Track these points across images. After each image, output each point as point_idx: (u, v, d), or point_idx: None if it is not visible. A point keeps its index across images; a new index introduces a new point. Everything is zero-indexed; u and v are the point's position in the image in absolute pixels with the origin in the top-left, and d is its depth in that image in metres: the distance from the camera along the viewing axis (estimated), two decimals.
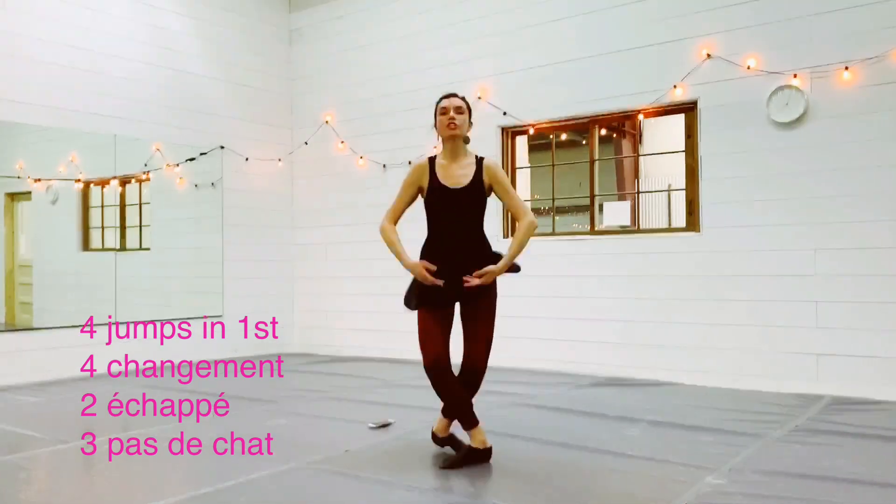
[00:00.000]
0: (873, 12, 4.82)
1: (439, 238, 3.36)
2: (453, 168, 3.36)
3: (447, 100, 3.38)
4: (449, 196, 3.32)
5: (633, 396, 4.94)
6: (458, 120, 3.32)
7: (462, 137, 3.38)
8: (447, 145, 3.38)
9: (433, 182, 3.35)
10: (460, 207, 3.32)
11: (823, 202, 4.99)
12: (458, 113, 3.34)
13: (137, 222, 6.91)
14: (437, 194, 3.34)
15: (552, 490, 2.98)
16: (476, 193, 3.33)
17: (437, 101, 3.41)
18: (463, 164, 3.37)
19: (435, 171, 3.37)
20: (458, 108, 3.35)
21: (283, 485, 3.07)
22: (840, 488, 2.92)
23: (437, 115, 3.38)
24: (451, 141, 3.36)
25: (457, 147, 3.37)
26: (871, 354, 4.80)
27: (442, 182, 3.34)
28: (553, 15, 6.16)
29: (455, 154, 3.38)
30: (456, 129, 3.33)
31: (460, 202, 3.32)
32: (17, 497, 2.94)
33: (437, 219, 3.37)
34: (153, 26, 6.73)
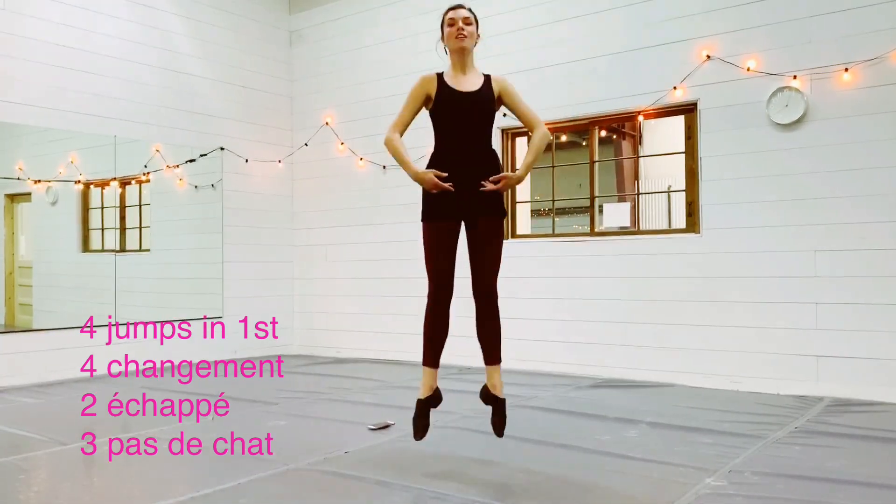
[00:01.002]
0: (873, 14, 4.83)
1: (447, 148, 3.28)
2: (462, 77, 3.32)
3: (454, 11, 3.33)
4: (459, 100, 3.26)
5: (632, 398, 4.94)
6: (466, 30, 3.28)
7: (470, 49, 3.33)
8: (455, 57, 3.33)
9: (442, 89, 3.29)
10: (470, 112, 3.27)
11: (824, 203, 5.00)
12: (467, 24, 3.29)
13: (137, 223, 6.91)
14: (446, 99, 3.27)
15: (552, 491, 2.98)
16: (486, 99, 3.29)
17: (444, 13, 3.35)
18: (472, 74, 3.34)
19: (443, 80, 3.32)
20: (466, 18, 3.30)
21: (282, 486, 3.07)
22: (840, 490, 2.92)
23: (444, 26, 3.33)
24: (459, 52, 3.31)
25: (465, 59, 3.32)
26: (872, 356, 4.80)
27: (452, 87, 3.28)
28: (552, 17, 6.17)
29: (464, 65, 3.33)
30: (465, 40, 3.28)
31: (470, 106, 3.26)
32: (17, 498, 2.94)
33: (445, 126, 3.30)
34: (153, 28, 6.73)
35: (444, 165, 3.24)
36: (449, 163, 3.24)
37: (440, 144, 3.31)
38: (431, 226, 3.27)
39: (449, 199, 3.22)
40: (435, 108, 3.31)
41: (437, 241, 3.25)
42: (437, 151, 3.31)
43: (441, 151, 3.30)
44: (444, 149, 3.29)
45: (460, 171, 3.22)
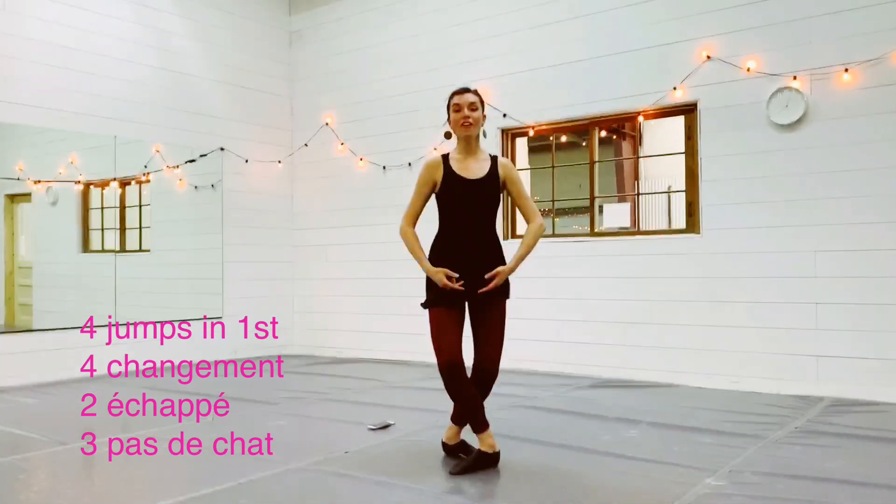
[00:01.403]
0: (873, 14, 4.83)
1: (452, 233, 3.31)
2: (469, 162, 3.33)
3: (459, 96, 3.32)
4: (465, 187, 3.27)
5: (632, 398, 4.94)
6: (472, 118, 3.28)
7: (477, 135, 3.34)
8: (462, 143, 3.34)
9: (448, 175, 3.30)
10: (476, 199, 3.28)
11: (824, 204, 5.00)
12: (472, 110, 3.29)
13: (137, 224, 6.91)
14: (452, 186, 3.28)
15: (552, 491, 2.98)
16: (492, 186, 3.30)
17: (450, 97, 3.35)
18: (478, 158, 3.35)
19: (450, 164, 3.32)
20: (472, 104, 3.30)
21: (282, 486, 3.06)
22: (840, 490, 2.92)
23: (451, 111, 3.33)
24: (465, 139, 3.32)
25: (471, 144, 3.34)
26: (872, 356, 4.80)
27: (458, 173, 3.29)
28: (553, 17, 6.17)
29: (470, 150, 3.34)
30: (470, 128, 3.29)
31: (476, 193, 3.28)
32: (17, 498, 2.94)
33: (451, 212, 3.32)
34: (153, 28, 6.73)
35: (448, 251, 3.29)
36: (453, 249, 3.29)
37: (444, 228, 3.35)
38: (439, 310, 3.30)
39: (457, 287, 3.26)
40: (441, 192, 3.33)
41: (445, 324, 3.27)
42: (442, 236, 3.35)
43: (445, 236, 3.33)
44: (448, 233, 3.33)
45: (464, 258, 3.26)
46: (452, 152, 3.38)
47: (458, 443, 3.47)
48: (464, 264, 3.25)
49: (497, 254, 3.34)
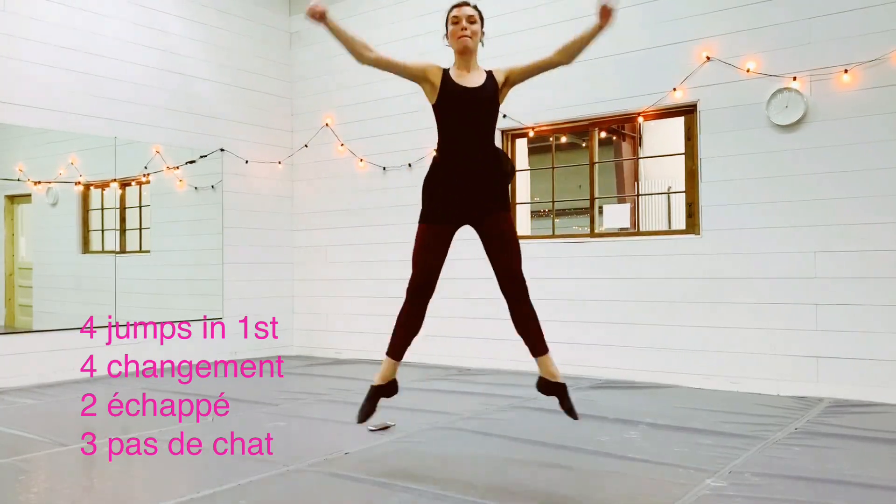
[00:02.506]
0: (873, 15, 4.83)
1: (451, 147, 3.24)
2: (465, 74, 3.28)
3: (458, 8, 3.26)
4: (463, 95, 3.22)
5: (632, 399, 4.94)
6: (470, 30, 3.22)
7: (474, 50, 3.27)
8: (459, 57, 3.28)
9: (446, 83, 3.24)
10: (474, 109, 3.22)
11: (824, 204, 5.00)
12: (471, 22, 3.24)
13: (137, 225, 6.91)
14: (450, 94, 3.22)
15: (552, 492, 2.98)
16: (490, 95, 3.24)
17: (448, 10, 3.29)
18: (475, 72, 3.31)
19: (448, 75, 3.28)
20: (471, 17, 3.25)
21: (282, 487, 3.07)
22: (840, 491, 2.92)
23: (448, 23, 3.27)
24: (463, 52, 3.26)
25: (469, 59, 3.28)
26: (872, 357, 4.80)
27: (456, 82, 3.24)
28: (553, 18, 6.17)
29: (467, 64, 3.29)
30: (469, 40, 3.23)
31: (474, 102, 3.21)
32: (17, 499, 2.94)
33: (449, 123, 3.25)
34: (153, 29, 6.73)
35: (448, 165, 3.23)
36: (453, 162, 3.23)
37: (444, 143, 3.28)
38: (428, 227, 3.26)
39: (450, 201, 3.21)
40: (439, 102, 3.26)
41: (430, 241, 3.25)
42: (441, 150, 3.28)
43: (445, 150, 3.26)
44: (448, 148, 3.25)
45: (464, 172, 3.20)
46: (450, 68, 3.31)
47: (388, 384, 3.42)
48: (464, 182, 3.20)
49: (498, 165, 3.26)
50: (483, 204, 3.22)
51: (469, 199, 3.21)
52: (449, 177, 3.22)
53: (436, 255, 3.25)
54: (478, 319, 6.40)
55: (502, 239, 3.24)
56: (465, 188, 3.21)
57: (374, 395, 3.38)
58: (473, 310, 6.33)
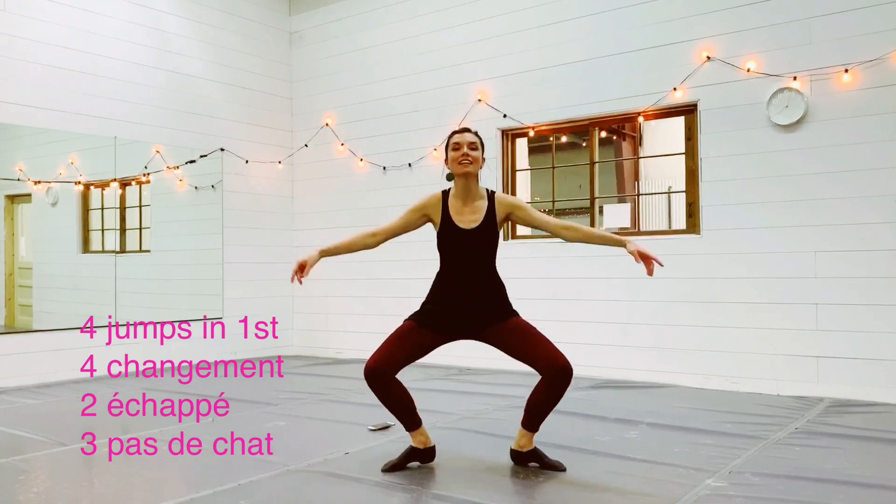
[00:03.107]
0: (873, 15, 4.83)
1: (451, 274, 3.31)
2: (466, 209, 3.30)
3: (459, 135, 3.30)
4: (462, 236, 3.27)
5: (632, 399, 4.94)
6: (471, 156, 3.25)
7: (475, 175, 3.30)
8: (459, 182, 3.30)
9: (446, 220, 3.29)
10: (473, 248, 3.27)
11: (824, 204, 5.00)
12: (472, 149, 3.26)
13: (137, 224, 6.91)
14: (449, 234, 3.29)
15: (552, 492, 2.98)
16: (489, 233, 3.29)
17: (449, 136, 3.34)
18: (476, 203, 3.31)
19: (448, 208, 3.30)
20: (472, 143, 3.27)
21: (282, 487, 3.07)
22: (840, 490, 2.92)
23: (449, 149, 3.30)
24: (463, 178, 3.28)
25: (469, 184, 3.29)
26: (872, 357, 4.80)
27: (455, 222, 3.28)
28: (553, 18, 6.17)
29: (467, 191, 3.30)
30: (469, 166, 3.25)
31: (473, 242, 3.27)
32: (17, 499, 2.94)
33: (448, 257, 3.32)
34: (153, 29, 6.73)
35: (446, 289, 3.30)
36: (452, 289, 3.29)
37: (444, 270, 3.35)
38: (412, 326, 3.28)
39: (447, 316, 3.26)
40: (439, 238, 3.33)
41: (402, 335, 3.25)
42: (442, 275, 3.35)
43: (445, 277, 3.33)
44: (447, 275, 3.33)
45: (463, 297, 3.26)
46: (451, 192, 3.35)
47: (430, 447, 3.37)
48: (462, 302, 3.26)
49: (497, 292, 3.32)
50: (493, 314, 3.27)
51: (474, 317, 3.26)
52: (451, 296, 3.28)
53: (397, 351, 3.22)
54: None
55: (526, 335, 3.23)
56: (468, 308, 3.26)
57: (409, 455, 3.33)
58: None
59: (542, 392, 3.18)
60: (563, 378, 3.14)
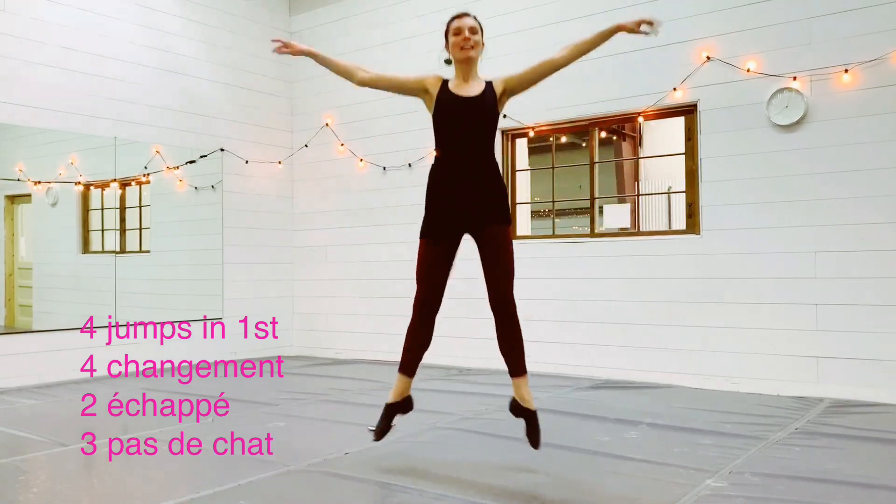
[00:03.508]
0: (873, 15, 4.83)
1: (448, 157, 3.21)
2: (465, 85, 3.24)
3: (459, 19, 3.24)
4: (460, 104, 3.18)
5: (632, 399, 4.94)
6: (472, 40, 3.19)
7: (476, 59, 3.24)
8: (460, 67, 3.23)
9: (444, 93, 3.21)
10: (473, 116, 3.18)
11: (824, 204, 5.00)
12: (472, 33, 3.21)
13: (137, 225, 6.91)
14: (447, 103, 3.20)
15: (552, 492, 2.98)
16: (489, 103, 3.20)
17: (448, 21, 3.27)
18: (475, 82, 3.27)
19: (447, 85, 3.25)
20: (472, 27, 3.22)
21: (282, 487, 3.06)
22: (840, 491, 2.92)
23: (449, 34, 3.24)
24: (464, 62, 3.22)
25: (470, 70, 3.24)
26: (872, 357, 4.80)
27: (454, 92, 3.21)
28: (553, 18, 6.17)
29: (467, 75, 3.24)
30: (471, 51, 3.19)
31: (472, 111, 3.18)
32: (17, 499, 2.94)
33: (446, 132, 3.22)
34: (153, 29, 6.73)
35: (444, 175, 3.22)
36: (450, 173, 3.21)
37: (441, 153, 3.25)
38: (429, 242, 3.24)
39: (449, 213, 3.20)
40: (436, 112, 3.24)
41: (432, 257, 3.23)
42: (438, 160, 3.26)
43: (442, 160, 3.24)
44: (444, 158, 3.23)
45: (463, 181, 3.18)
46: (451, 79, 3.28)
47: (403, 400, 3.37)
48: (461, 193, 3.17)
49: (496, 182, 3.22)
50: (483, 213, 3.18)
51: (468, 208, 3.18)
52: (448, 187, 3.20)
53: (439, 271, 3.22)
54: (478, 319, 6.39)
55: (498, 253, 3.19)
56: (465, 197, 3.18)
57: (389, 412, 3.35)
58: (473, 310, 6.32)
59: (500, 334, 3.24)
60: (507, 317, 3.19)
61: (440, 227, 3.21)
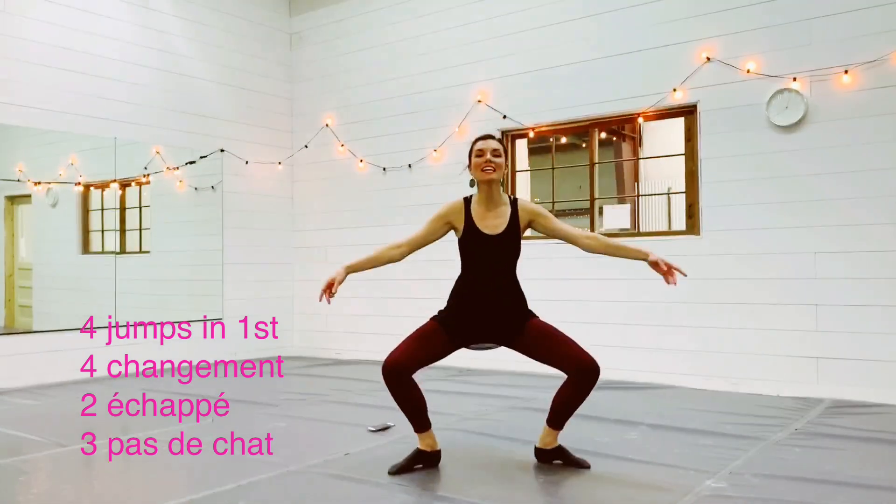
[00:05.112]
0: (873, 16, 4.83)
1: (472, 279, 3.33)
2: (489, 214, 3.32)
3: (483, 141, 3.32)
4: (485, 242, 3.29)
5: (632, 400, 4.94)
6: (494, 163, 3.26)
7: (498, 182, 3.32)
8: (483, 188, 3.32)
9: (469, 227, 3.31)
10: (496, 253, 3.29)
11: (824, 205, 5.00)
12: (496, 156, 3.27)
13: (137, 225, 6.91)
14: (472, 239, 3.30)
15: (551, 493, 2.98)
16: (512, 239, 3.31)
17: (473, 142, 3.36)
18: (499, 209, 3.33)
19: (471, 213, 3.32)
20: (496, 150, 3.28)
21: (282, 488, 3.06)
22: (840, 491, 2.92)
23: (473, 156, 3.32)
24: (486, 185, 3.30)
25: (493, 191, 3.31)
26: (872, 358, 4.80)
27: (478, 227, 3.30)
28: (553, 18, 6.17)
29: (490, 197, 3.32)
30: (493, 173, 3.27)
31: (496, 248, 3.28)
32: (17, 500, 2.94)
33: (470, 262, 3.33)
34: (153, 30, 6.74)
35: (467, 295, 3.32)
36: (472, 294, 3.31)
37: (466, 275, 3.36)
38: (439, 328, 3.28)
39: (469, 320, 3.28)
40: (462, 243, 3.34)
41: (431, 338, 3.26)
42: (463, 280, 3.36)
43: (466, 282, 3.35)
44: (468, 280, 3.34)
45: (484, 303, 3.28)
46: (473, 199, 3.37)
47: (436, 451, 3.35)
48: (485, 309, 3.28)
49: (518, 298, 3.34)
50: (511, 326, 3.29)
51: (496, 324, 3.29)
52: (474, 299, 3.29)
53: (427, 353, 3.25)
54: None
55: (547, 334, 3.27)
56: (490, 313, 3.28)
57: (416, 458, 3.31)
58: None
59: (569, 390, 3.21)
60: (592, 376, 3.17)
61: (458, 323, 3.29)
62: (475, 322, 3.29)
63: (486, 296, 3.29)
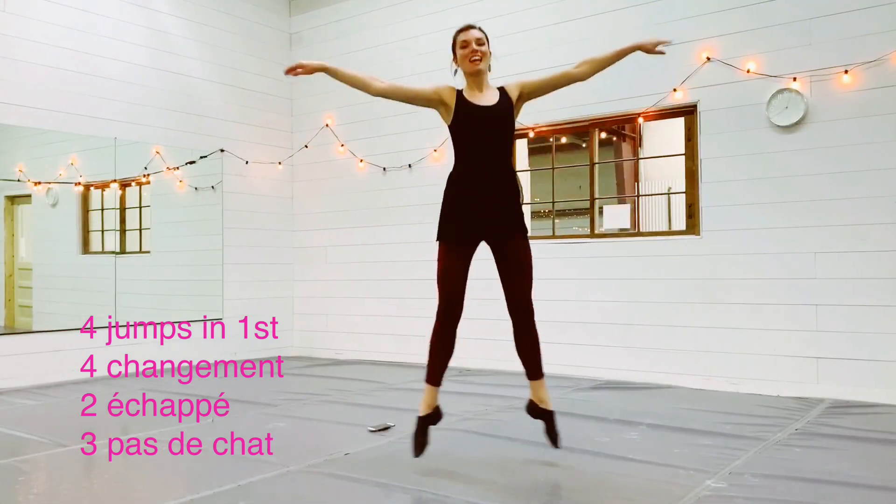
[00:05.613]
0: (873, 16, 4.83)
1: (468, 166, 3.27)
2: (480, 94, 3.30)
3: (465, 32, 3.30)
4: (479, 114, 3.24)
5: (632, 400, 4.94)
6: (480, 52, 3.25)
7: (485, 70, 3.30)
8: (471, 79, 3.30)
9: (461, 104, 3.27)
10: (491, 125, 3.24)
11: (824, 205, 5.00)
12: (480, 45, 3.27)
13: (137, 225, 6.91)
14: (465, 114, 3.25)
15: (551, 493, 2.98)
16: (505, 112, 3.27)
17: (454, 35, 3.33)
18: (488, 91, 3.32)
19: (462, 94, 3.30)
20: (479, 39, 3.27)
21: (282, 488, 3.06)
22: (840, 492, 2.92)
23: (457, 48, 3.30)
24: (475, 76, 3.28)
25: (481, 80, 3.30)
26: (872, 358, 4.80)
27: (470, 101, 3.26)
28: (552, 19, 6.18)
29: (480, 85, 3.31)
30: (480, 63, 3.26)
31: (490, 121, 3.24)
32: (17, 500, 2.94)
33: (465, 142, 3.28)
34: (153, 30, 6.74)
35: (465, 184, 3.27)
36: (471, 182, 3.26)
37: (460, 162, 3.31)
38: (448, 247, 3.27)
39: (470, 221, 3.25)
40: (454, 123, 3.29)
41: (452, 263, 3.26)
42: (457, 170, 3.32)
43: (461, 170, 3.30)
44: (464, 167, 3.29)
45: (483, 191, 3.23)
46: (463, 88, 3.33)
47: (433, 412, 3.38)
48: (480, 201, 3.23)
49: (514, 190, 3.29)
50: (504, 225, 3.27)
51: (489, 218, 3.25)
52: (468, 195, 3.25)
53: (459, 278, 3.27)
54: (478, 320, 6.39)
55: (521, 264, 3.30)
56: (485, 208, 3.24)
57: (422, 425, 3.36)
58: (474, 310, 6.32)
59: (519, 337, 3.33)
60: (524, 316, 3.29)
61: (461, 232, 3.26)
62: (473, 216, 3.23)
63: (483, 186, 3.23)
